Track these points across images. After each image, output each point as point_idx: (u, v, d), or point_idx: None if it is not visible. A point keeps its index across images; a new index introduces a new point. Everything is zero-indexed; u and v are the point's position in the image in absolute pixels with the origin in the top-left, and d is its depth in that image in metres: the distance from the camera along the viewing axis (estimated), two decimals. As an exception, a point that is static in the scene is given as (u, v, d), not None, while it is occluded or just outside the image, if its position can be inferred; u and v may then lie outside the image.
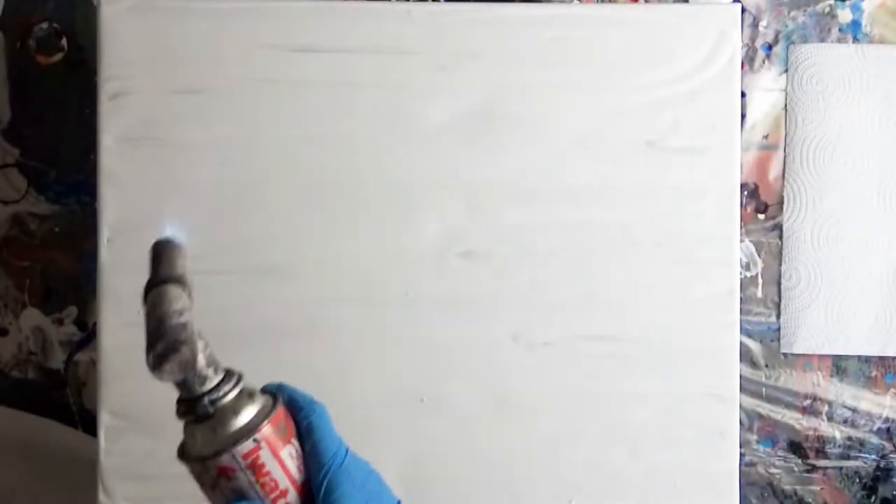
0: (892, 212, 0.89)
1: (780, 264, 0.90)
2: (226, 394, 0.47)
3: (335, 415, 0.77)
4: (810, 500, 0.91)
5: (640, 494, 0.77)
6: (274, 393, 0.50)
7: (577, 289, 0.77)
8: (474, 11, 0.78)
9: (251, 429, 0.46)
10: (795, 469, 0.91)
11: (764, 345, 0.90)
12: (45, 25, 0.89)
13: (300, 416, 0.50)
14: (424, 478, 0.77)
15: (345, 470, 0.49)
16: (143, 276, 0.76)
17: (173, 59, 0.76)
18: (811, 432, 0.91)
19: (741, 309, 0.79)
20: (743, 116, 0.88)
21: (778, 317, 0.90)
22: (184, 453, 0.48)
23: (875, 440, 0.90)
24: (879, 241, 0.89)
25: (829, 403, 0.91)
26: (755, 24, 0.89)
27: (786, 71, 0.89)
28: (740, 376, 0.80)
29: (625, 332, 0.77)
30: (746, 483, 0.90)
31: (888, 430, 0.90)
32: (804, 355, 0.90)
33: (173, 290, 0.47)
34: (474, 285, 0.77)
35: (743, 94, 0.88)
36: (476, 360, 0.77)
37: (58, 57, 0.89)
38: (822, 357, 0.90)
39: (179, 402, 0.47)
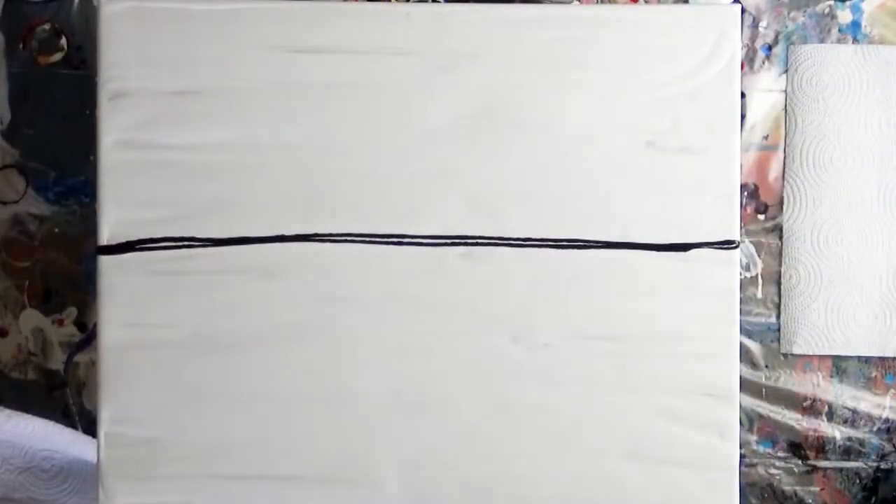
0: (892, 212, 0.89)
1: (779, 265, 0.90)
2: None
3: (336, 415, 0.77)
4: (810, 500, 0.91)
5: (639, 495, 0.77)
6: None
7: (577, 289, 0.77)
8: (474, 12, 0.78)
9: None
10: (795, 469, 0.91)
11: (764, 345, 0.90)
12: (46, 27, 0.89)
13: None
14: (424, 478, 0.77)
15: None
16: (143, 276, 0.76)
17: (173, 59, 0.77)
18: (811, 433, 0.91)
19: (741, 309, 0.79)
20: (743, 117, 0.88)
21: (778, 317, 0.90)
22: None
23: (875, 441, 0.90)
24: (879, 241, 0.89)
25: (829, 404, 0.91)
26: (755, 25, 0.89)
27: (786, 71, 0.89)
28: (740, 376, 0.80)
29: (624, 333, 0.77)
30: (746, 483, 0.90)
31: (888, 430, 0.90)
32: (804, 356, 0.90)
33: None
34: (474, 285, 0.77)
35: (743, 95, 0.88)
36: (476, 361, 0.77)
37: (58, 57, 0.89)
38: (821, 357, 0.90)
39: None
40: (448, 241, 0.77)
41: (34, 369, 0.91)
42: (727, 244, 0.77)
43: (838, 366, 0.90)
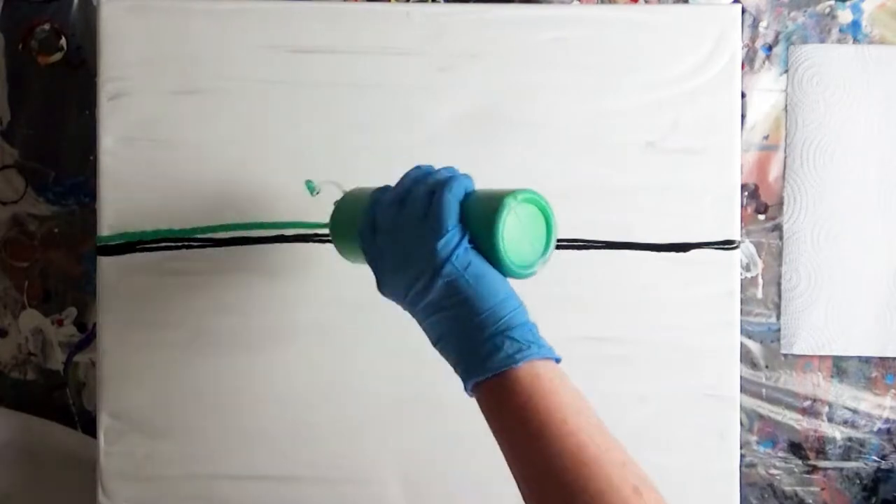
0: (892, 212, 0.89)
1: (780, 265, 0.90)
2: None
3: (336, 415, 0.77)
4: (810, 500, 0.91)
5: (640, 495, 0.77)
6: None
7: (576, 289, 0.77)
8: (473, 12, 0.78)
9: None
10: (796, 470, 0.91)
11: (764, 345, 0.90)
12: (46, 27, 0.89)
13: None
14: (424, 478, 0.77)
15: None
16: (143, 276, 0.76)
17: (173, 59, 0.77)
18: (811, 433, 0.91)
19: (741, 310, 0.79)
20: (743, 117, 0.88)
21: (778, 317, 0.90)
22: None
23: (875, 441, 0.90)
24: (879, 241, 0.89)
25: (830, 404, 0.91)
26: (755, 25, 0.89)
27: (786, 71, 0.89)
28: (740, 377, 0.80)
29: (625, 333, 0.77)
30: (746, 484, 0.90)
31: (888, 430, 0.90)
32: (804, 356, 0.90)
33: None
34: (474, 285, 0.77)
35: (743, 95, 0.88)
36: (476, 361, 0.77)
37: (58, 57, 0.89)
38: (822, 358, 0.90)
39: None
40: (448, 241, 0.77)
41: (34, 369, 0.91)
42: (727, 244, 0.77)
43: (838, 366, 0.90)
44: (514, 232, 0.53)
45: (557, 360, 0.53)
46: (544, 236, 0.55)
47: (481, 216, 0.53)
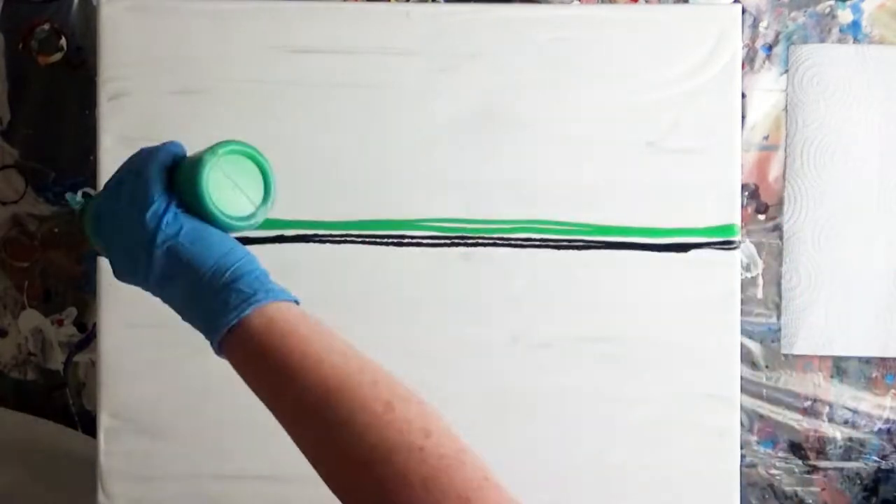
0: (892, 212, 0.88)
1: (780, 265, 0.90)
2: None
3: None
4: (811, 501, 0.91)
5: (640, 494, 0.77)
6: None
7: (577, 289, 0.77)
8: (473, 12, 0.78)
9: None
10: (796, 470, 0.91)
11: (764, 346, 0.90)
12: (46, 27, 0.89)
13: None
14: (424, 478, 0.77)
15: None
16: (143, 276, 0.76)
17: (173, 59, 0.77)
18: (812, 433, 0.91)
19: (742, 310, 0.79)
20: (743, 117, 0.88)
21: (778, 317, 0.90)
22: None
23: (875, 441, 0.90)
24: (879, 242, 0.89)
25: (830, 404, 0.90)
26: (755, 25, 0.89)
27: (786, 71, 0.89)
28: (741, 377, 0.80)
29: (624, 333, 0.77)
30: (747, 484, 0.90)
31: (888, 431, 0.90)
32: (805, 356, 0.90)
33: None
34: (474, 285, 0.77)
35: (743, 95, 0.88)
36: (475, 361, 0.77)
37: (58, 57, 0.89)
38: (822, 358, 0.90)
39: None
40: (448, 241, 0.77)
41: (34, 369, 0.91)
42: (727, 244, 0.77)
43: (839, 366, 0.90)
44: (223, 186, 0.53)
45: (297, 302, 0.53)
46: (262, 185, 0.55)
47: (187, 179, 0.53)
